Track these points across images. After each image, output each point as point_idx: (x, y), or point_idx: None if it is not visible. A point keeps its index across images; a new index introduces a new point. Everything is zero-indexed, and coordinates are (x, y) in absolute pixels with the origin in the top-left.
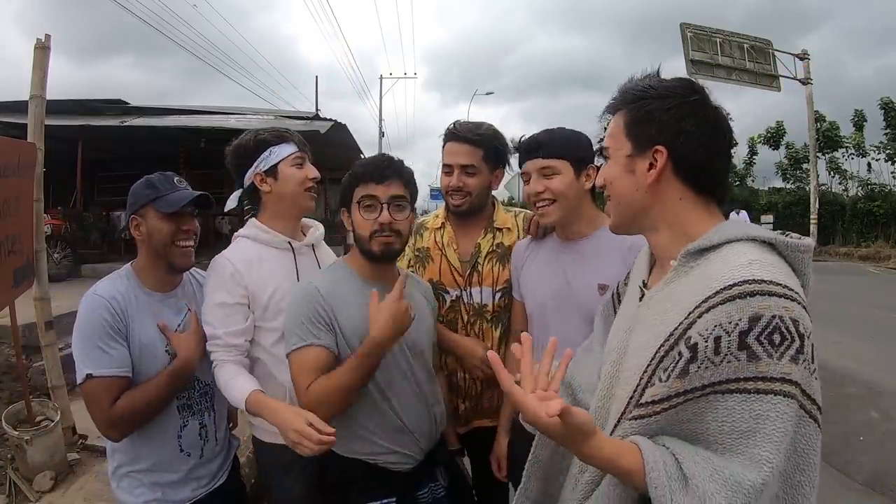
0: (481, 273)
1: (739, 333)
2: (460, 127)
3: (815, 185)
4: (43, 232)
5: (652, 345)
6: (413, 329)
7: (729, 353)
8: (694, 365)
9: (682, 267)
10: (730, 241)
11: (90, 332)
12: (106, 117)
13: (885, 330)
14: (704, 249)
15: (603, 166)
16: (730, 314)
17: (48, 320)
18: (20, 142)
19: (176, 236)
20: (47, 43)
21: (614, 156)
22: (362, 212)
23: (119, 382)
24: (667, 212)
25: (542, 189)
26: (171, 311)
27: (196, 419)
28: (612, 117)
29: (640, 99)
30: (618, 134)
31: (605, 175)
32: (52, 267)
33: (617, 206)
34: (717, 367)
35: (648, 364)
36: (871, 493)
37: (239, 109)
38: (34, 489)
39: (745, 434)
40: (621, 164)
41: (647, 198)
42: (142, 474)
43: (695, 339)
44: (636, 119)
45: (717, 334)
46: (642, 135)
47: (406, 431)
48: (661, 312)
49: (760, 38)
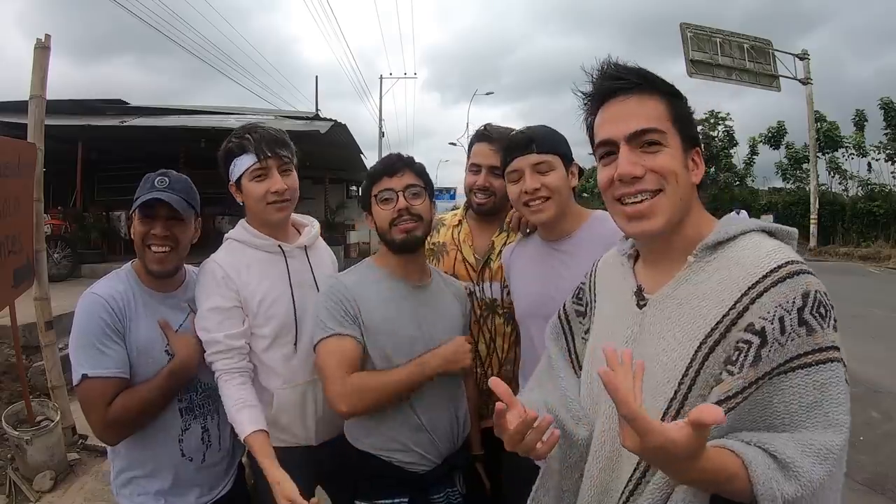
0: (493, 269)
1: (798, 310)
2: (492, 130)
3: (815, 185)
4: (43, 232)
5: (686, 346)
6: (438, 328)
7: (792, 330)
8: (765, 349)
9: (699, 262)
10: (744, 231)
11: (87, 331)
12: (106, 117)
13: (885, 330)
14: (720, 243)
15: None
16: (786, 294)
17: (48, 320)
18: (20, 142)
19: (147, 240)
20: (47, 43)
21: (671, 144)
22: (381, 205)
23: (115, 384)
24: (694, 212)
25: (539, 185)
26: (172, 310)
27: (198, 423)
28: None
29: (677, 94)
30: (665, 122)
31: (667, 164)
32: (52, 267)
33: (679, 203)
34: (784, 347)
35: (689, 366)
36: (871, 493)
37: (239, 109)
38: (34, 489)
39: (812, 406)
40: (681, 154)
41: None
42: (143, 480)
43: (759, 323)
44: (682, 115)
45: (779, 314)
46: (688, 132)
47: (424, 430)
48: (689, 310)
49: (760, 38)
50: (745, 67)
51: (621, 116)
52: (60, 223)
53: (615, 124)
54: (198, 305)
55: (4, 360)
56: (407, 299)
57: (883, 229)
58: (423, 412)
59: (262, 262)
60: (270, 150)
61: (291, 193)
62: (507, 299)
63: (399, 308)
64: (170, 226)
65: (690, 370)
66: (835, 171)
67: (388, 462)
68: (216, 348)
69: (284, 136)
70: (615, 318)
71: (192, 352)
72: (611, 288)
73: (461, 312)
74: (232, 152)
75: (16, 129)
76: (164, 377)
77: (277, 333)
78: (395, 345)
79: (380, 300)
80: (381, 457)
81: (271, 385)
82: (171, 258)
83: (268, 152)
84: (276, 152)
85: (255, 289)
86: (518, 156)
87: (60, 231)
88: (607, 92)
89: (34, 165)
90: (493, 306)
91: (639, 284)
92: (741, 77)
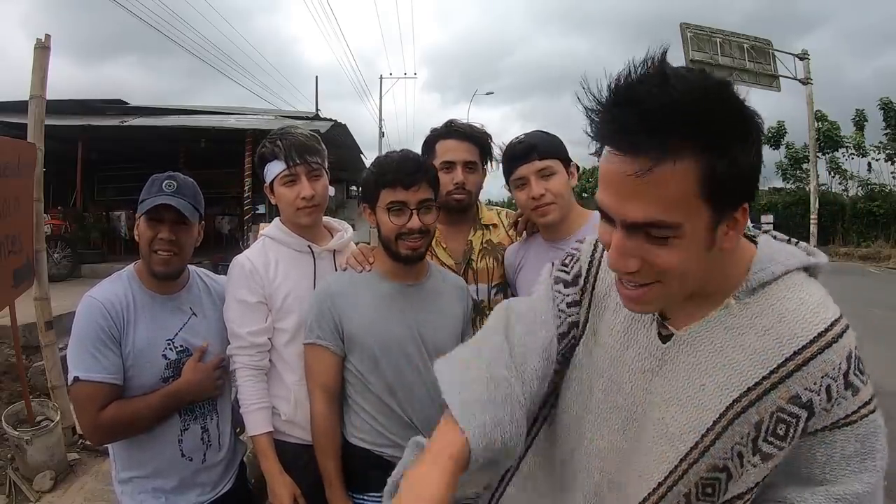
0: (476, 270)
1: (843, 375)
2: (459, 125)
3: (815, 185)
4: (43, 232)
5: (717, 399)
6: (431, 325)
7: (839, 395)
8: (812, 420)
9: (738, 303)
10: (787, 271)
11: (83, 335)
12: (106, 117)
13: (886, 330)
14: (764, 283)
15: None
16: (832, 361)
17: (48, 320)
18: (20, 142)
19: (153, 244)
20: (47, 43)
21: (688, 233)
22: (391, 217)
23: (107, 389)
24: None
25: (544, 192)
26: (172, 312)
27: (198, 423)
28: (658, 168)
29: (723, 136)
30: (689, 199)
31: (675, 264)
32: (52, 267)
33: (684, 285)
34: (830, 413)
35: (717, 421)
36: None
37: (239, 109)
38: (34, 489)
39: (851, 457)
40: (700, 241)
41: (715, 264)
42: (144, 480)
43: (806, 395)
44: (728, 175)
45: (826, 384)
46: (730, 193)
47: (415, 428)
48: (724, 360)
49: (760, 39)
50: (745, 67)
51: (624, 192)
52: (60, 223)
53: (615, 197)
54: (227, 295)
55: (4, 360)
56: (397, 299)
57: (883, 229)
58: (413, 413)
59: (291, 260)
60: (300, 157)
61: (320, 199)
62: (494, 299)
63: (389, 308)
64: (176, 230)
65: (717, 425)
66: (835, 171)
67: (379, 456)
68: (239, 343)
69: (315, 143)
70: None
71: (199, 378)
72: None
73: (461, 312)
74: (264, 157)
75: (16, 129)
76: (162, 396)
77: (297, 329)
78: (383, 346)
79: (366, 301)
80: (372, 451)
81: (289, 380)
82: (175, 261)
83: (297, 159)
84: (306, 159)
85: (280, 284)
86: (522, 164)
87: (60, 231)
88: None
89: (34, 165)
90: (480, 309)
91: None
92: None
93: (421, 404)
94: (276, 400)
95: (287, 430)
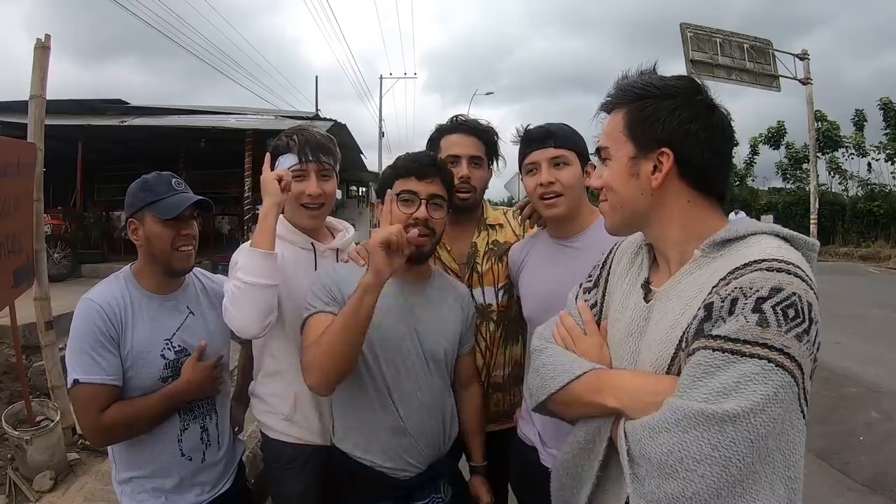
0: (481, 273)
1: (757, 298)
2: (465, 119)
3: (815, 185)
4: (43, 232)
5: (671, 335)
6: (430, 331)
7: (741, 313)
8: (708, 324)
9: (705, 257)
10: (755, 233)
11: (81, 338)
12: (106, 117)
13: (885, 330)
14: (729, 240)
15: (600, 168)
16: (753, 280)
17: (48, 320)
18: (20, 142)
19: (176, 242)
20: (47, 43)
21: (616, 157)
22: (400, 205)
23: (106, 390)
24: (675, 214)
25: (553, 180)
26: (170, 312)
27: (197, 423)
28: (609, 116)
29: (643, 98)
30: (617, 134)
31: (606, 178)
32: (52, 267)
33: (619, 210)
34: (725, 323)
35: (676, 353)
36: (871, 493)
37: (239, 109)
38: (34, 489)
39: (722, 391)
40: (624, 166)
41: (652, 200)
42: (144, 479)
43: (713, 300)
44: (639, 119)
45: (734, 296)
46: (646, 136)
47: (407, 434)
48: (682, 302)
49: (760, 38)
50: (745, 67)
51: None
52: (60, 223)
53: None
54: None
55: (4, 360)
56: (395, 296)
57: (883, 229)
58: (406, 415)
59: (293, 257)
60: (313, 155)
61: (326, 198)
62: (501, 301)
63: (386, 301)
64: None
65: (676, 360)
66: (835, 171)
67: (370, 467)
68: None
69: (330, 143)
70: (622, 307)
71: (199, 377)
72: (623, 274)
73: (461, 318)
74: (277, 149)
75: (16, 129)
76: (162, 397)
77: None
78: (381, 337)
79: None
80: (363, 462)
81: (288, 380)
82: (194, 255)
83: (310, 156)
84: (319, 157)
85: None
86: (536, 149)
87: (60, 231)
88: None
89: (34, 165)
90: (487, 312)
91: (647, 277)
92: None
93: (416, 409)
94: (276, 400)
95: (286, 430)
